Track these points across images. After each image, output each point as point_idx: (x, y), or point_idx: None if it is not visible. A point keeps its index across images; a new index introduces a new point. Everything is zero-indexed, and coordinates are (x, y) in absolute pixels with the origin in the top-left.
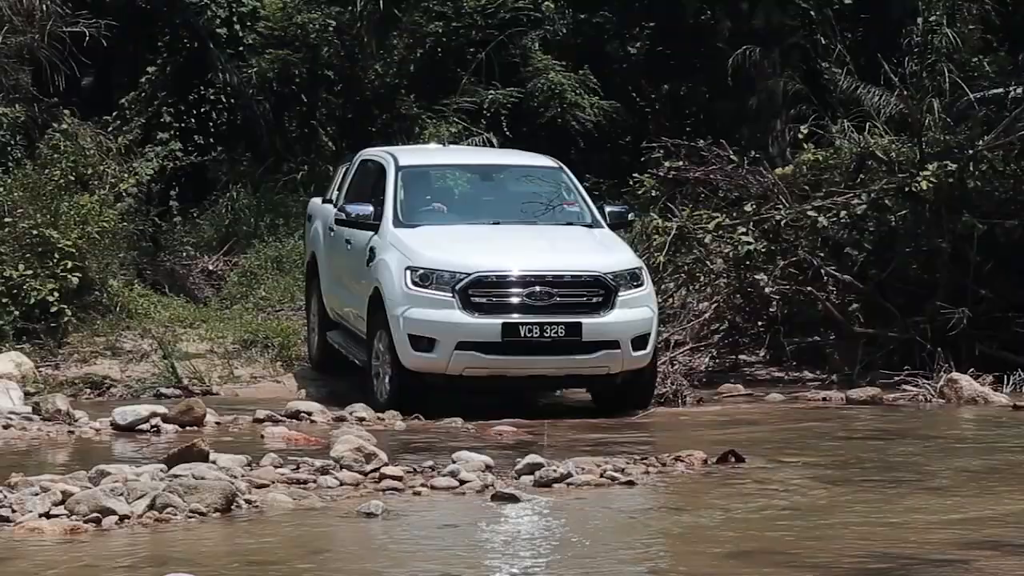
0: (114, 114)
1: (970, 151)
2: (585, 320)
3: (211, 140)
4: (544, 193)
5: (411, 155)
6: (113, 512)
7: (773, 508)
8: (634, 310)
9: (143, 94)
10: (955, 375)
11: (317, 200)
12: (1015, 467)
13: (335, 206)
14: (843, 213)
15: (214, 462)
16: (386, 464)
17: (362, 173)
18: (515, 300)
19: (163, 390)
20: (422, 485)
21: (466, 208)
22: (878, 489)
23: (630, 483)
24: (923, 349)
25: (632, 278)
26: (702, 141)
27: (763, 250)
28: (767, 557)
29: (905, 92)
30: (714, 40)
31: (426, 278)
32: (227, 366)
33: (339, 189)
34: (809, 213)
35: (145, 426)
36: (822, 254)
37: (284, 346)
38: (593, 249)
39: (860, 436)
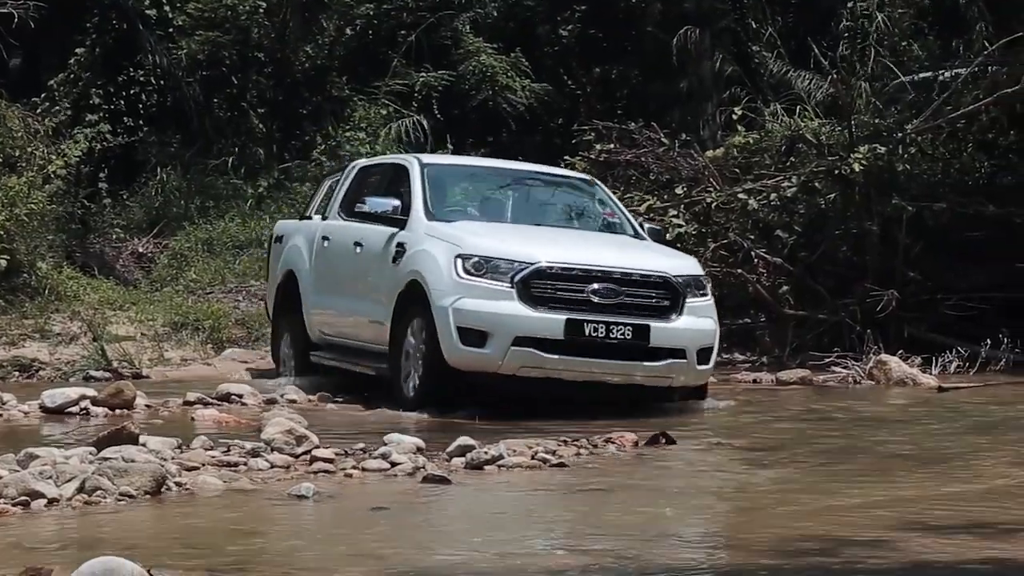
0: (43, 96)
1: (899, 134)
2: (653, 323)
3: (140, 122)
4: (580, 203)
5: (433, 156)
6: (42, 495)
7: (703, 490)
8: (701, 319)
9: (72, 76)
10: (884, 357)
11: (288, 221)
12: (942, 449)
13: (324, 217)
14: (773, 196)
15: (144, 445)
16: (317, 446)
17: (362, 181)
18: (580, 296)
19: (92, 373)
20: (353, 467)
21: (499, 211)
22: (808, 470)
23: (561, 465)
24: (852, 331)
25: (697, 286)
26: (633, 124)
27: (694, 233)
28: (696, 538)
29: (836, 76)
30: (645, 23)
31: (480, 267)
32: (157, 348)
33: (327, 201)
34: (740, 196)
35: (74, 409)
36: (752, 236)
37: (214, 328)
38: (654, 252)
39: (790, 418)
